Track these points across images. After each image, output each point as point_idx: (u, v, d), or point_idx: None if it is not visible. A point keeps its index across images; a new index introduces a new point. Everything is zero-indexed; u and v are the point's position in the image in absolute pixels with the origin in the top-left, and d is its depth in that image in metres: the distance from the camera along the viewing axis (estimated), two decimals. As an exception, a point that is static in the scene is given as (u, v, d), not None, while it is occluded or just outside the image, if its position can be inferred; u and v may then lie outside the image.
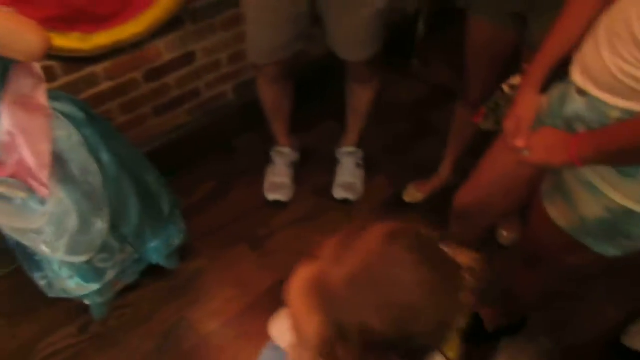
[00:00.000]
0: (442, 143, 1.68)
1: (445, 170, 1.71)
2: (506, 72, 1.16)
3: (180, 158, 1.79)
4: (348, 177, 1.77)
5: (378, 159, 1.89)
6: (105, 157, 1.16)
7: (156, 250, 1.41)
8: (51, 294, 1.34)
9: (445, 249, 0.55)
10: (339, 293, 0.49)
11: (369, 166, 1.84)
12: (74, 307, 1.46)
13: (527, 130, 0.91)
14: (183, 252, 1.57)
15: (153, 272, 1.51)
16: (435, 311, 0.50)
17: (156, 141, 1.70)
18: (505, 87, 1.08)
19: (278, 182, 1.75)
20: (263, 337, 1.40)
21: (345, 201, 1.73)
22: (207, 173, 1.83)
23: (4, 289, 1.52)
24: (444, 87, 2.12)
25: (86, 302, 1.42)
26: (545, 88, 0.94)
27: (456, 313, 0.52)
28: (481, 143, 1.15)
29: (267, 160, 1.81)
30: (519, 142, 0.90)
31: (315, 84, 1.97)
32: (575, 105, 0.83)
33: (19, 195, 1.05)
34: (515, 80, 1.06)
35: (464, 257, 0.55)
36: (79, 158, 1.09)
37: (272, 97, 1.63)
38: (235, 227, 1.68)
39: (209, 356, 1.40)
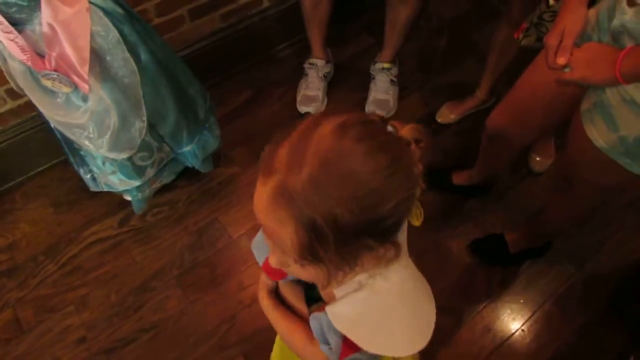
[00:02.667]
0: (481, 63, 1.62)
1: (481, 92, 1.67)
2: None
3: (215, 65, 1.80)
4: (381, 94, 1.75)
5: (413, 76, 1.85)
6: (143, 56, 1.16)
7: (192, 154, 1.45)
8: (94, 188, 1.43)
9: (390, 129, 0.57)
10: (304, 196, 0.49)
11: (404, 84, 1.81)
12: (114, 201, 1.55)
13: (571, 46, 0.87)
14: (217, 158, 1.62)
15: (189, 174, 1.58)
16: (396, 191, 0.52)
17: (191, 46, 1.70)
18: (551, 0, 1.02)
19: (310, 95, 1.75)
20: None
21: (377, 118, 1.73)
22: (242, 82, 1.84)
23: (51, 179, 1.62)
24: (487, 4, 2.01)
25: (127, 197, 1.51)
26: (594, 1, 0.89)
27: (414, 186, 0.54)
28: (520, 68, 1.11)
29: (302, 73, 1.80)
30: (561, 59, 0.87)
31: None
32: (625, 17, 0.79)
33: (63, 89, 1.08)
34: None
35: (407, 131, 0.56)
36: (117, 55, 1.09)
37: None
38: (268, 137, 1.69)
39: (239, 257, 1.49)
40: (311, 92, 1.76)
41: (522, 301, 1.41)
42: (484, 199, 1.56)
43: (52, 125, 1.21)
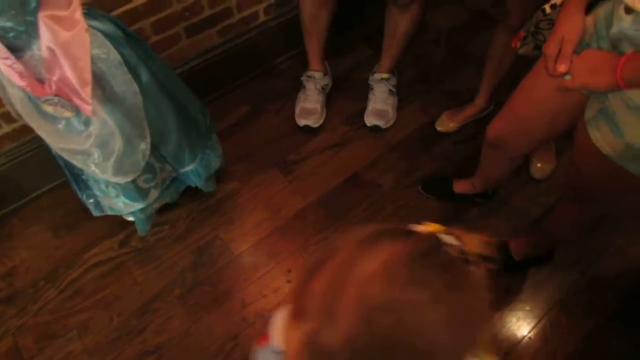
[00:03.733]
0: (479, 72, 1.62)
1: (480, 100, 1.66)
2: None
3: (213, 81, 1.79)
4: (380, 104, 1.74)
5: (412, 86, 1.85)
6: (144, 77, 1.15)
7: (195, 173, 1.44)
8: (98, 213, 1.41)
9: (452, 242, 0.45)
10: (339, 358, 0.40)
11: (402, 94, 1.81)
12: (114, 223, 1.53)
13: (571, 53, 0.86)
14: (218, 175, 1.61)
15: (188, 192, 1.57)
16: (462, 342, 0.42)
17: (189, 63, 1.69)
18: (547, 8, 1.02)
19: (308, 107, 1.74)
20: (291, 258, 1.47)
21: (376, 128, 1.72)
22: (240, 96, 1.83)
23: (49, 203, 1.60)
24: (484, 13, 2.01)
25: (130, 218, 1.49)
26: (590, 7, 0.89)
27: (479, 337, 0.43)
28: (518, 73, 1.10)
29: (300, 85, 1.79)
30: (561, 67, 0.86)
31: (351, 8, 1.90)
32: (623, 24, 0.78)
33: (65, 114, 1.07)
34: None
35: (473, 244, 0.45)
36: (119, 77, 1.08)
37: (311, 7, 1.58)
38: (267, 151, 1.70)
39: (241, 274, 1.47)
40: (309, 104, 1.75)
41: (527, 308, 1.39)
42: (486, 206, 1.56)
43: (53, 152, 1.20)
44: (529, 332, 1.35)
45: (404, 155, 1.68)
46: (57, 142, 1.12)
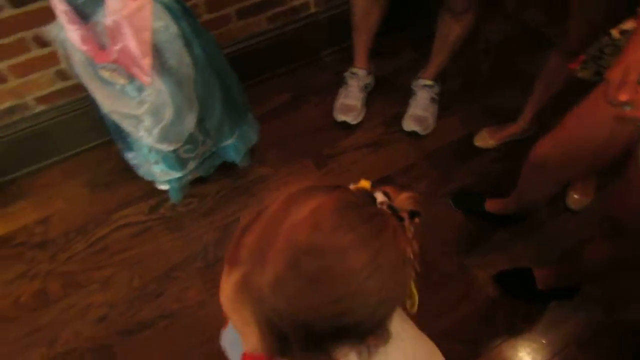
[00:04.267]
0: (526, 91, 1.59)
1: (524, 120, 1.63)
2: (615, 17, 1.05)
3: (258, 66, 1.82)
4: (420, 110, 1.74)
5: (455, 96, 1.83)
6: (196, 50, 1.19)
7: (234, 148, 1.48)
8: (140, 173, 1.47)
9: (380, 199, 0.47)
10: (267, 298, 0.43)
11: (444, 103, 1.80)
12: (148, 188, 1.59)
13: (634, 83, 0.84)
14: (252, 156, 1.64)
15: (221, 169, 1.60)
16: (378, 291, 0.44)
17: (237, 45, 1.72)
18: (615, 32, 0.99)
19: (349, 104, 1.75)
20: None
21: (413, 134, 1.72)
22: (282, 84, 1.86)
23: (89, 160, 1.67)
24: (536, 32, 1.97)
25: (161, 187, 1.54)
26: None
27: (403, 281, 0.46)
28: (567, 99, 1.08)
29: (342, 81, 1.80)
30: (623, 95, 0.83)
31: (403, 10, 1.89)
32: None
33: (120, 81, 1.12)
34: (628, 25, 0.96)
35: (402, 202, 0.47)
36: (176, 50, 1.12)
37: (364, 2, 1.59)
38: (303, 141, 1.72)
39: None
40: (350, 101, 1.76)
41: (543, 341, 1.36)
42: (515, 230, 1.53)
43: (102, 112, 1.25)
44: (541, 365, 1.33)
45: (438, 165, 1.67)
46: (110, 105, 1.17)
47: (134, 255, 1.49)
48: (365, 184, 0.51)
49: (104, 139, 1.64)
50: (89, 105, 1.54)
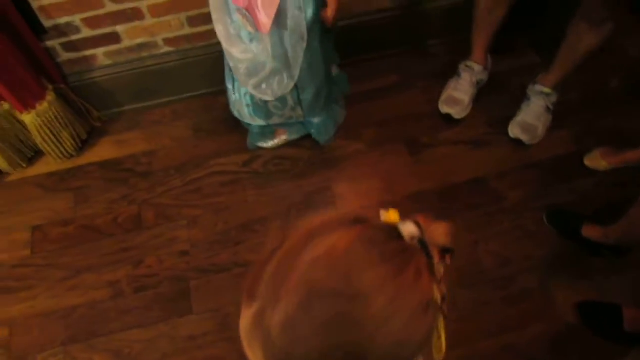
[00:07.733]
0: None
1: (646, 149, 1.50)
2: None
3: (369, 43, 1.81)
4: (531, 118, 1.64)
5: (572, 109, 1.71)
6: (309, 13, 1.20)
7: (322, 125, 1.53)
8: (231, 110, 1.53)
9: (409, 231, 0.43)
10: (277, 338, 0.41)
11: (559, 115, 1.68)
12: (245, 143, 1.66)
13: None
14: (346, 132, 1.65)
15: (315, 140, 1.63)
16: (399, 338, 0.41)
17: (354, 19, 1.72)
18: None
19: (457, 97, 1.70)
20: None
21: (518, 142, 1.64)
22: (391, 65, 1.84)
23: (199, 106, 1.77)
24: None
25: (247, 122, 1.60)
26: None
27: (426, 327, 0.43)
28: None
29: (453, 71, 1.75)
30: None
31: (529, 10, 1.78)
32: None
33: (247, 28, 1.19)
34: None
35: (434, 235, 0.44)
36: (294, 9, 1.15)
37: None
38: (401, 125, 1.70)
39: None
40: (459, 94, 1.70)
41: (619, 384, 1.27)
42: (612, 263, 1.41)
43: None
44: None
45: (539, 178, 1.58)
46: (224, 42, 1.26)
47: (221, 202, 1.58)
48: (393, 214, 0.48)
49: (213, 89, 1.73)
50: (207, 54, 1.64)
